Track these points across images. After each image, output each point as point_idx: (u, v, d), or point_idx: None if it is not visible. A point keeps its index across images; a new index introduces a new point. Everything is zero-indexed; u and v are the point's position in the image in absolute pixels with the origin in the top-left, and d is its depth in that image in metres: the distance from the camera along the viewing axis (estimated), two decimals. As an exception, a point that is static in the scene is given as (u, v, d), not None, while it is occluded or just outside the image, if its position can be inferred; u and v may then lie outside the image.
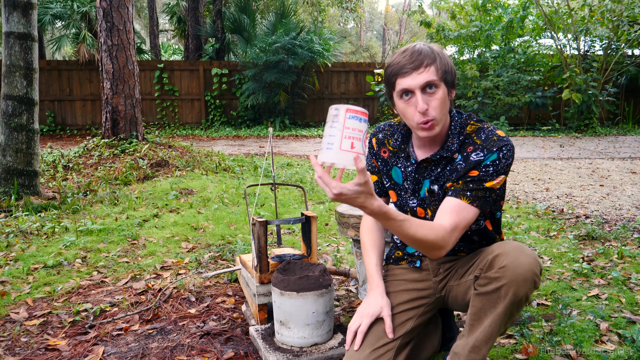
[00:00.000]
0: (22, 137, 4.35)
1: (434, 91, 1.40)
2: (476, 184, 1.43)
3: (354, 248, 2.20)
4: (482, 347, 1.39)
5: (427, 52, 1.40)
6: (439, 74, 1.39)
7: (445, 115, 1.45)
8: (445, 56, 1.43)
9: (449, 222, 1.38)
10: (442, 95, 1.41)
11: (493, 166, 1.42)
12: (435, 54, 1.41)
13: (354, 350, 1.50)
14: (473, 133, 1.48)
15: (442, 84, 1.40)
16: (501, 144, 1.43)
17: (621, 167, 6.45)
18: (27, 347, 1.97)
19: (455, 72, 1.46)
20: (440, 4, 13.31)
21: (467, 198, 1.42)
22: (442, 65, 1.40)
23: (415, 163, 1.56)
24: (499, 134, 1.45)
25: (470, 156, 1.45)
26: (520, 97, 11.65)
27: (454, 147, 1.48)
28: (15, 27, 4.32)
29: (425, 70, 1.38)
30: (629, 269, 2.67)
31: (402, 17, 31.74)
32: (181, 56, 22.63)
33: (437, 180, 1.52)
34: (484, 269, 1.40)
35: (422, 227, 1.33)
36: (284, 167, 6.51)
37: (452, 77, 1.44)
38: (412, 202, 1.60)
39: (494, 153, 1.42)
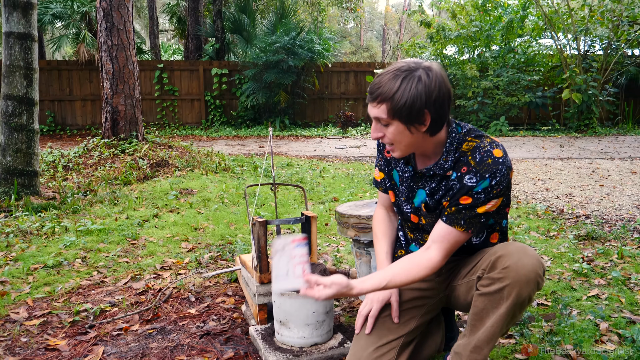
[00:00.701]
0: (22, 137, 4.35)
1: (386, 126, 1.40)
2: (469, 211, 1.41)
3: (354, 248, 2.20)
4: (483, 347, 1.40)
5: (387, 87, 1.34)
6: (389, 113, 1.36)
7: (408, 145, 1.43)
8: (410, 92, 1.33)
9: (439, 255, 1.44)
10: (395, 130, 1.39)
11: (485, 193, 1.39)
12: (394, 90, 1.33)
13: (365, 334, 1.53)
14: (469, 152, 1.43)
15: (394, 121, 1.37)
16: (494, 168, 1.38)
17: (621, 167, 6.46)
18: (27, 347, 1.97)
19: (419, 108, 1.34)
20: (440, 4, 13.31)
21: (461, 226, 1.43)
22: (398, 103, 1.33)
23: (413, 171, 1.56)
24: (495, 154, 1.40)
25: (464, 178, 1.42)
26: (520, 97, 11.65)
27: (448, 165, 1.45)
28: (15, 27, 4.32)
29: (377, 106, 1.37)
30: (629, 269, 2.67)
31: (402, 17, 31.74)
32: (181, 56, 22.64)
33: (432, 195, 1.51)
34: (486, 269, 1.40)
35: (409, 271, 1.43)
36: (284, 167, 6.51)
37: (411, 114, 1.35)
38: (406, 207, 1.61)
39: (486, 179, 1.38)
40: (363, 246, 2.13)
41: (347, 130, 12.14)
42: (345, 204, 2.33)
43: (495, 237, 1.57)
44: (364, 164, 7.13)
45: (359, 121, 13.42)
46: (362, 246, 2.13)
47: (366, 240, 2.09)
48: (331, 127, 12.82)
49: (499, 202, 1.43)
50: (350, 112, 13.05)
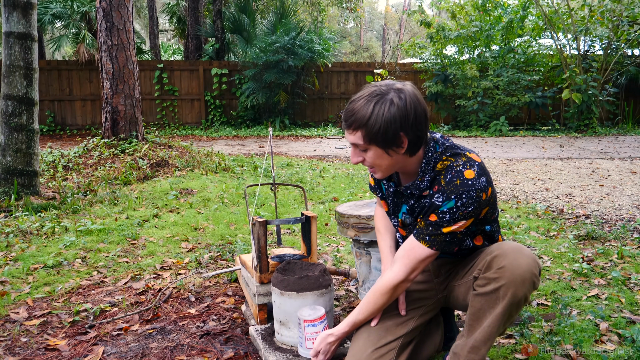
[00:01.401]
0: (22, 137, 4.35)
1: (364, 152, 1.42)
2: (434, 229, 1.42)
3: (354, 248, 2.20)
4: (481, 347, 1.40)
5: (360, 114, 1.34)
6: (365, 139, 1.37)
7: (389, 166, 1.44)
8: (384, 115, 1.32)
9: (401, 271, 1.47)
10: (373, 155, 1.40)
11: (449, 214, 1.38)
12: (367, 117, 1.33)
13: (364, 335, 1.55)
14: (442, 171, 1.43)
15: (371, 146, 1.38)
16: (461, 190, 1.36)
17: (621, 167, 6.46)
18: (27, 347, 1.97)
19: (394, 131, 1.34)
20: (440, 4, 13.31)
21: (426, 242, 1.43)
22: (371, 130, 1.34)
23: (395, 187, 1.57)
24: (466, 175, 1.37)
25: (434, 197, 1.42)
26: (520, 97, 11.65)
27: (424, 185, 1.46)
28: (15, 27, 4.31)
29: (353, 133, 1.38)
30: (628, 269, 2.67)
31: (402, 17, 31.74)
32: (181, 56, 22.63)
33: (411, 212, 1.54)
34: (482, 269, 1.40)
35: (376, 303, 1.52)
36: (284, 167, 6.51)
37: (388, 138, 1.35)
38: (394, 220, 1.64)
39: (452, 200, 1.37)
40: (363, 246, 2.13)
41: (347, 130, 12.12)
42: (345, 204, 2.34)
43: (480, 240, 1.56)
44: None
45: (359, 121, 13.40)
46: (362, 246, 2.13)
47: (366, 240, 2.09)
48: (331, 127, 12.82)
49: (469, 223, 1.41)
50: (350, 112, 13.03)
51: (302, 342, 1.66)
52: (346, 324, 1.57)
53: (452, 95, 12.70)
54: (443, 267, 1.63)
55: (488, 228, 1.54)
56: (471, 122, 12.32)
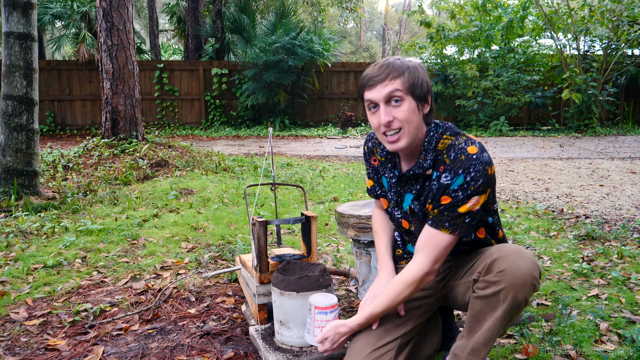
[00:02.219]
0: (22, 137, 4.35)
1: (398, 104, 1.38)
2: (450, 212, 1.40)
3: (354, 248, 2.20)
4: (481, 349, 1.40)
5: (396, 65, 1.38)
6: (404, 86, 1.37)
7: (414, 129, 1.41)
8: (418, 70, 1.40)
9: (425, 262, 1.44)
10: (408, 108, 1.38)
11: (461, 190, 1.37)
12: (405, 68, 1.38)
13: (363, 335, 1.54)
14: (444, 150, 1.43)
15: (408, 97, 1.38)
16: (467, 164, 1.36)
17: (621, 167, 6.46)
18: (27, 347, 1.97)
19: (428, 87, 1.41)
20: (440, 4, 13.31)
21: (447, 229, 1.41)
22: (411, 78, 1.37)
23: (398, 175, 1.56)
24: (469, 151, 1.38)
25: (441, 178, 1.41)
26: (520, 97, 11.65)
27: (427, 164, 1.45)
28: (15, 27, 4.31)
29: (390, 83, 1.37)
30: (628, 269, 2.67)
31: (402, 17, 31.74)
32: (181, 56, 22.64)
33: (418, 197, 1.50)
34: (482, 272, 1.40)
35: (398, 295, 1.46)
36: (284, 167, 6.51)
37: (423, 91, 1.39)
38: (397, 213, 1.61)
39: (460, 176, 1.37)
40: (363, 246, 2.13)
41: (347, 130, 12.14)
42: (345, 204, 2.34)
43: (482, 232, 1.55)
44: (364, 164, 7.12)
45: (359, 121, 13.42)
46: (362, 246, 2.13)
47: (366, 240, 2.09)
48: (331, 127, 12.82)
49: (482, 199, 1.40)
50: (350, 112, 13.05)
51: (310, 329, 1.62)
52: (362, 316, 1.51)
53: (452, 95, 12.70)
54: (442, 266, 1.63)
55: (490, 220, 1.55)
56: (471, 122, 12.32)
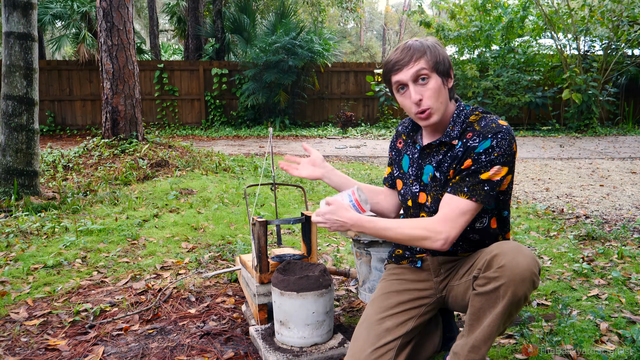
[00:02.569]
0: (22, 137, 4.35)
1: (426, 82, 1.47)
2: (472, 177, 1.44)
3: (354, 248, 2.20)
4: (481, 346, 1.40)
5: (417, 46, 1.47)
6: (429, 64, 1.45)
7: (442, 103, 1.50)
8: (437, 48, 1.48)
9: (438, 217, 1.45)
10: (435, 84, 1.47)
11: (485, 154, 1.42)
12: (425, 47, 1.46)
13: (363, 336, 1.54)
14: (475, 122, 1.50)
15: (433, 74, 1.46)
16: (497, 130, 1.43)
17: (621, 167, 6.45)
18: (27, 347, 1.97)
19: (449, 62, 1.50)
20: (440, 4, 13.31)
21: (465, 194, 1.44)
22: (433, 56, 1.46)
23: (419, 149, 1.61)
24: (500, 122, 1.46)
25: (468, 142, 1.47)
26: (520, 97, 11.65)
27: (454, 134, 1.51)
28: (15, 27, 4.32)
29: (415, 63, 1.45)
30: (629, 269, 2.67)
31: (402, 17, 31.74)
32: (181, 56, 22.64)
33: (438, 167, 1.54)
34: (482, 269, 1.40)
35: (406, 227, 1.46)
36: (284, 167, 6.50)
37: (445, 67, 1.48)
38: (414, 187, 1.63)
39: (488, 140, 1.43)
40: (363, 246, 2.13)
41: (347, 130, 12.14)
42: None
43: (495, 223, 1.58)
44: (364, 164, 7.13)
45: (359, 121, 13.41)
46: (362, 246, 2.13)
47: (366, 240, 2.09)
48: (331, 127, 12.82)
49: (503, 172, 1.43)
50: (350, 112, 13.05)
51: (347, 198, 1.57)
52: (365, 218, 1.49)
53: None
54: (443, 266, 1.63)
55: (505, 213, 1.59)
56: (471, 122, 12.31)
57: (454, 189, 1.46)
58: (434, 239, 1.43)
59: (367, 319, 1.59)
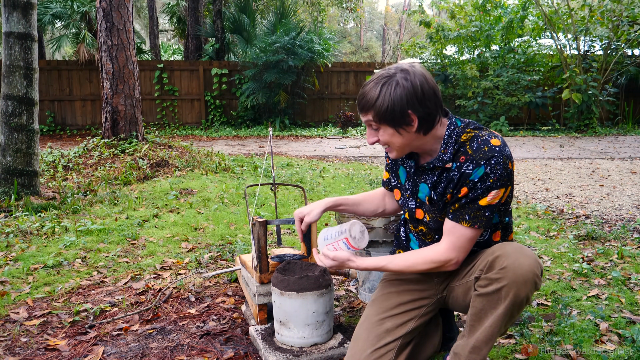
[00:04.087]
0: (22, 137, 4.35)
1: (377, 130, 1.47)
2: (471, 205, 1.42)
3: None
4: (482, 347, 1.40)
5: (368, 98, 1.42)
6: (376, 118, 1.43)
7: (403, 145, 1.47)
8: (390, 96, 1.38)
9: (445, 246, 1.48)
10: (385, 133, 1.46)
11: (481, 182, 1.39)
12: (375, 99, 1.40)
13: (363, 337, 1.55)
14: (467, 142, 1.45)
15: (382, 126, 1.44)
16: (490, 155, 1.38)
17: (621, 167, 6.46)
18: (27, 347, 1.97)
19: (401, 111, 1.39)
20: (440, 4, 13.31)
21: (467, 222, 1.43)
22: (381, 109, 1.40)
23: (415, 165, 1.57)
24: (493, 143, 1.40)
25: (462, 167, 1.43)
26: (520, 97, 11.65)
27: (447, 157, 1.47)
28: (15, 27, 4.31)
29: (365, 115, 1.45)
30: (629, 269, 2.67)
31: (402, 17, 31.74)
32: (181, 56, 22.63)
33: (435, 188, 1.51)
34: (484, 270, 1.40)
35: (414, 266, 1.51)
36: (284, 167, 6.51)
37: (397, 116, 1.39)
38: (411, 203, 1.61)
39: (482, 167, 1.38)
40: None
41: (347, 130, 12.14)
42: (345, 204, 2.33)
43: (498, 236, 1.57)
44: (364, 164, 7.13)
45: (359, 121, 13.40)
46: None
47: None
48: (331, 127, 12.82)
49: (501, 194, 1.41)
50: (350, 112, 13.05)
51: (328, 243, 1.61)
52: (373, 262, 1.54)
53: (452, 95, 12.70)
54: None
55: (507, 219, 1.58)
56: (471, 122, 12.31)
57: (455, 216, 1.45)
58: (446, 266, 1.48)
59: (367, 320, 1.59)
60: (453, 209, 1.46)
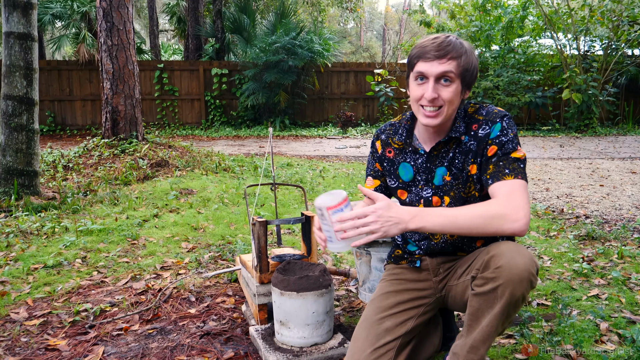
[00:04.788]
0: (22, 137, 4.35)
1: (447, 84, 1.43)
2: (505, 160, 1.44)
3: (354, 248, 2.20)
4: (480, 347, 1.40)
5: (457, 45, 1.42)
6: (458, 69, 1.42)
7: (453, 110, 1.47)
8: (473, 56, 1.45)
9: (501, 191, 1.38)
10: (455, 90, 1.43)
11: (503, 136, 1.45)
12: (464, 51, 1.43)
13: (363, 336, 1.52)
14: (474, 112, 1.52)
15: (457, 80, 1.43)
16: (502, 114, 1.48)
17: (621, 167, 6.45)
18: (27, 347, 1.97)
19: (476, 75, 1.47)
20: (440, 3, 13.31)
21: (509, 175, 1.41)
22: (466, 63, 1.42)
23: (425, 153, 1.57)
24: (498, 108, 1.51)
25: (478, 133, 1.48)
26: (520, 97, 11.65)
27: (462, 129, 1.51)
28: (15, 27, 4.31)
29: (448, 62, 1.41)
30: (629, 269, 2.67)
31: (402, 17, 31.74)
32: (181, 56, 22.63)
33: (451, 165, 1.53)
34: (480, 269, 1.40)
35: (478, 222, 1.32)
36: (284, 167, 6.51)
37: (471, 78, 1.46)
38: (426, 192, 1.59)
39: (497, 123, 1.46)
40: (363, 246, 2.13)
41: (347, 130, 12.14)
42: (345, 204, 2.33)
43: None
44: (364, 164, 7.12)
45: (359, 121, 13.41)
46: (362, 246, 2.13)
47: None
48: (331, 127, 12.82)
49: (524, 154, 1.44)
50: (350, 112, 13.05)
51: (332, 236, 1.33)
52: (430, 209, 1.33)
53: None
54: (442, 266, 1.63)
55: None
56: (471, 122, 12.31)
57: (495, 177, 1.42)
58: (512, 217, 1.31)
59: (366, 319, 1.59)
60: (489, 172, 1.45)
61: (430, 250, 1.64)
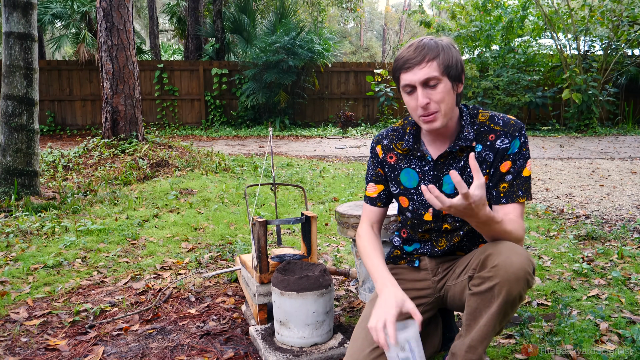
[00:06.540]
0: (22, 137, 4.35)
1: (435, 86, 1.41)
2: (518, 179, 1.46)
3: (354, 248, 2.20)
4: (477, 346, 1.40)
5: (432, 46, 1.41)
6: (440, 69, 1.40)
7: (449, 108, 1.45)
8: (452, 50, 1.43)
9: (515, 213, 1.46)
10: (444, 89, 1.41)
11: (520, 153, 1.47)
12: (440, 49, 1.41)
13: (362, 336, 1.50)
14: (487, 121, 1.50)
15: (444, 79, 1.41)
16: (519, 127, 1.48)
17: (621, 167, 6.45)
18: (27, 347, 1.97)
19: (461, 67, 1.45)
20: (440, 4, 13.31)
21: (521, 197, 1.47)
22: (446, 59, 1.40)
23: (432, 161, 1.54)
24: (512, 117, 1.50)
25: (495, 144, 1.47)
26: (520, 97, 11.65)
27: (471, 136, 1.49)
28: (15, 27, 4.32)
29: (427, 65, 1.39)
30: (629, 269, 2.67)
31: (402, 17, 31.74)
32: (181, 56, 22.63)
33: (462, 174, 1.51)
34: (477, 268, 1.40)
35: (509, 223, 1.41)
36: (284, 167, 6.51)
37: (457, 72, 1.44)
38: None
39: (517, 139, 1.46)
40: (363, 246, 2.13)
41: (347, 130, 12.14)
42: (345, 204, 2.33)
43: None
44: (364, 164, 7.12)
45: (359, 121, 13.41)
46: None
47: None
48: (331, 127, 12.82)
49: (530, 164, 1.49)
50: (350, 112, 13.05)
51: None
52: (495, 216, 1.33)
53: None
54: (440, 266, 1.63)
55: None
56: (471, 122, 12.31)
57: (510, 197, 1.47)
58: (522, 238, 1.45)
59: (365, 319, 1.58)
60: (503, 191, 1.48)
61: (431, 253, 1.64)
